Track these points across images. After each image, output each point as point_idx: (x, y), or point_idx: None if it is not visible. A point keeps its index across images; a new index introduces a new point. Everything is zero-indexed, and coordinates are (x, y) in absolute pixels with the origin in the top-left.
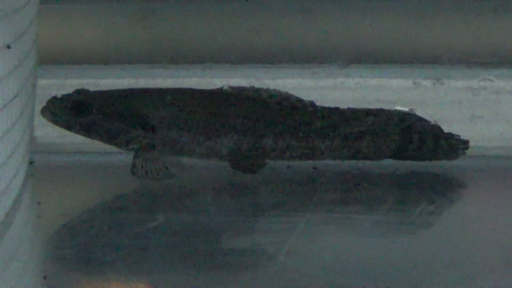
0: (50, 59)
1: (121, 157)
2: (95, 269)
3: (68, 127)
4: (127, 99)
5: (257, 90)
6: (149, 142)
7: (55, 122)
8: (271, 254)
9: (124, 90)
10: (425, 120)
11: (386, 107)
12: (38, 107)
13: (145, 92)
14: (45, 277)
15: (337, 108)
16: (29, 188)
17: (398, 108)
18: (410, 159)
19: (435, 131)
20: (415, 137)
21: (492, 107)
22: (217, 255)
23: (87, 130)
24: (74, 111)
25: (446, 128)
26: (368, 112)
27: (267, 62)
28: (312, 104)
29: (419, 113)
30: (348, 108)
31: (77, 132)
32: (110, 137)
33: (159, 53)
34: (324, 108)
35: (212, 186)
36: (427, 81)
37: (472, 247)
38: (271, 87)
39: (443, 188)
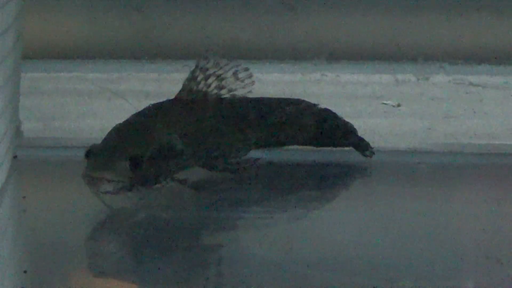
0: (36, 53)
1: None
2: (78, 263)
3: (146, 183)
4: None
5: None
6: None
7: (123, 189)
8: (251, 249)
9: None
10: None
11: (368, 102)
12: (23, 102)
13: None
14: (25, 271)
15: (262, 99)
16: (13, 183)
17: (385, 102)
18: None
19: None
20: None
21: (473, 104)
22: (196, 251)
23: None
24: (133, 167)
25: (428, 124)
26: (288, 102)
27: (252, 58)
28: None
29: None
30: (270, 98)
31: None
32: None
33: (144, 48)
34: (253, 99)
35: (191, 182)
36: (409, 78)
37: (451, 244)
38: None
39: (423, 185)
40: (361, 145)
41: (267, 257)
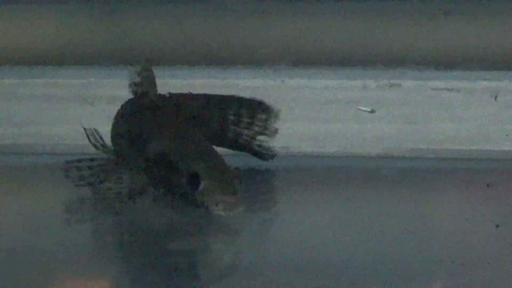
0: (8, 59)
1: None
2: (45, 268)
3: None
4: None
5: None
6: None
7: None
8: (220, 254)
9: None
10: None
11: (340, 107)
12: None
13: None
14: None
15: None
16: None
17: (361, 108)
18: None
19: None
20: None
21: (443, 109)
22: (165, 256)
23: None
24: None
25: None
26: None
27: (225, 63)
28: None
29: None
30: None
31: None
32: None
33: (117, 54)
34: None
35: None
36: (378, 83)
37: (417, 247)
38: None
39: (391, 190)
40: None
41: (235, 262)
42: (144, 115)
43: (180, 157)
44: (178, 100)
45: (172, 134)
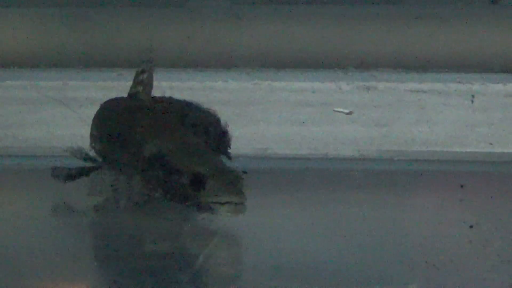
0: None
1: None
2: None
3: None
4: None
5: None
6: None
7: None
8: (192, 257)
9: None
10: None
11: (316, 109)
12: None
13: None
14: None
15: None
16: None
17: (338, 110)
18: None
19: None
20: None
21: (416, 112)
22: (138, 259)
23: None
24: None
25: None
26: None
27: (200, 66)
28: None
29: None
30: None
31: None
32: None
33: (92, 57)
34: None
35: None
36: (351, 85)
37: (389, 249)
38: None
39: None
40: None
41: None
42: (136, 115)
43: (180, 157)
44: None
45: (169, 135)
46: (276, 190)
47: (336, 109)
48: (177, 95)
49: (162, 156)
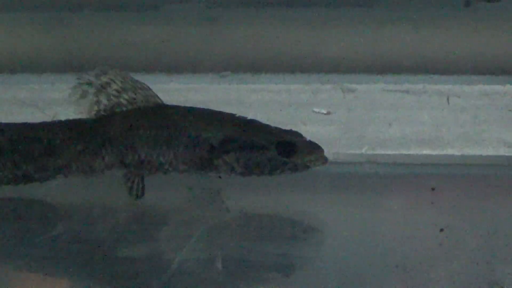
0: None
1: None
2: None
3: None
4: None
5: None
6: None
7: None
8: (167, 261)
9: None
10: None
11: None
12: None
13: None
14: None
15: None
16: None
17: (316, 110)
18: None
19: None
20: None
21: (389, 115)
22: (112, 263)
23: None
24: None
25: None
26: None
27: (175, 71)
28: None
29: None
30: None
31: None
32: None
33: (66, 61)
34: None
35: (111, 194)
36: (327, 88)
37: (361, 252)
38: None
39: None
40: None
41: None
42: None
43: (254, 135)
44: None
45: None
46: (248, 191)
47: (314, 110)
48: None
49: (234, 140)
